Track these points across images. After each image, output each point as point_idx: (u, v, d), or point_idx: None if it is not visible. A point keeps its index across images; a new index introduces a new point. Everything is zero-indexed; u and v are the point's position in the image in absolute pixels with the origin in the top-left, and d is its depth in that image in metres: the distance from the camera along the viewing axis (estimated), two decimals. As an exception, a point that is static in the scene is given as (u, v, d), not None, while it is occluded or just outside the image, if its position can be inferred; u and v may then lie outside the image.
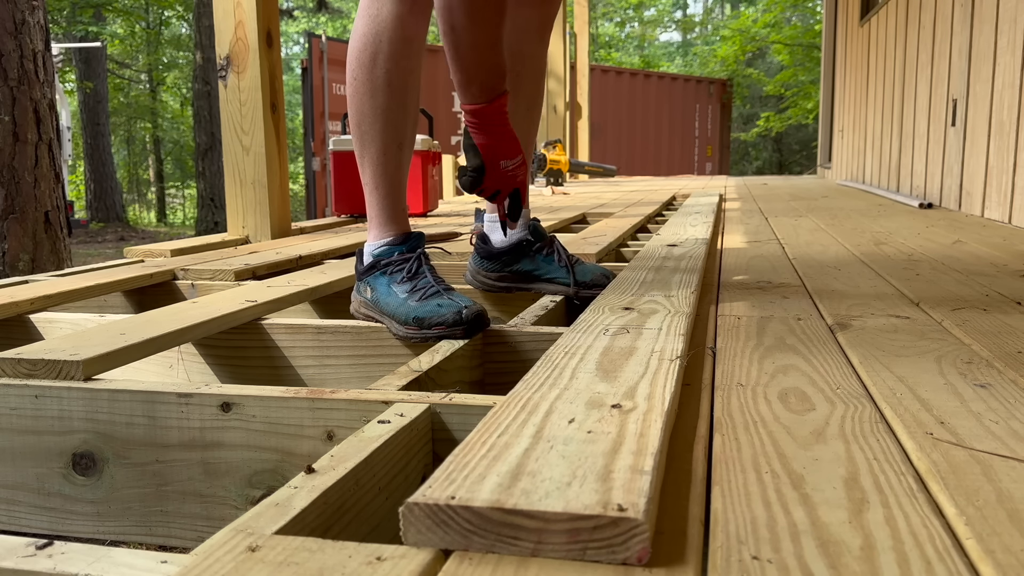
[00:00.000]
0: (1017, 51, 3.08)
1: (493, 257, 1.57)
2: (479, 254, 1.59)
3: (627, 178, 9.73)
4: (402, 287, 1.30)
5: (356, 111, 1.34)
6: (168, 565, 0.54)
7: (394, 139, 1.34)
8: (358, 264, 1.39)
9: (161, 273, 1.82)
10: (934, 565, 0.52)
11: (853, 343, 1.13)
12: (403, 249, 1.35)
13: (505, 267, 1.57)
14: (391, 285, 1.31)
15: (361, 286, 1.37)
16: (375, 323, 1.31)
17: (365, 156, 1.35)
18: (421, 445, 0.84)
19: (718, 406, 0.86)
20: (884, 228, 2.96)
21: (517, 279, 1.57)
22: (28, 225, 3.24)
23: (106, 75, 15.84)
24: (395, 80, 1.32)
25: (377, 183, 1.36)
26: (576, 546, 0.52)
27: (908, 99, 4.90)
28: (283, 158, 2.80)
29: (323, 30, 18.45)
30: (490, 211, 1.59)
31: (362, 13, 1.32)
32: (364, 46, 1.31)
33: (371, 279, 1.35)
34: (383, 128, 1.33)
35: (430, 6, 1.32)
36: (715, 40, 23.48)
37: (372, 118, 1.33)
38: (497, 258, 1.56)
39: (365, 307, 1.35)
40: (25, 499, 0.97)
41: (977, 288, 1.60)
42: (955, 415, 0.81)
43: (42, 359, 0.97)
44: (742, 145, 23.49)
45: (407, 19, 1.31)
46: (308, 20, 24.28)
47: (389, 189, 1.36)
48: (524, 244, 1.55)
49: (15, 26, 3.19)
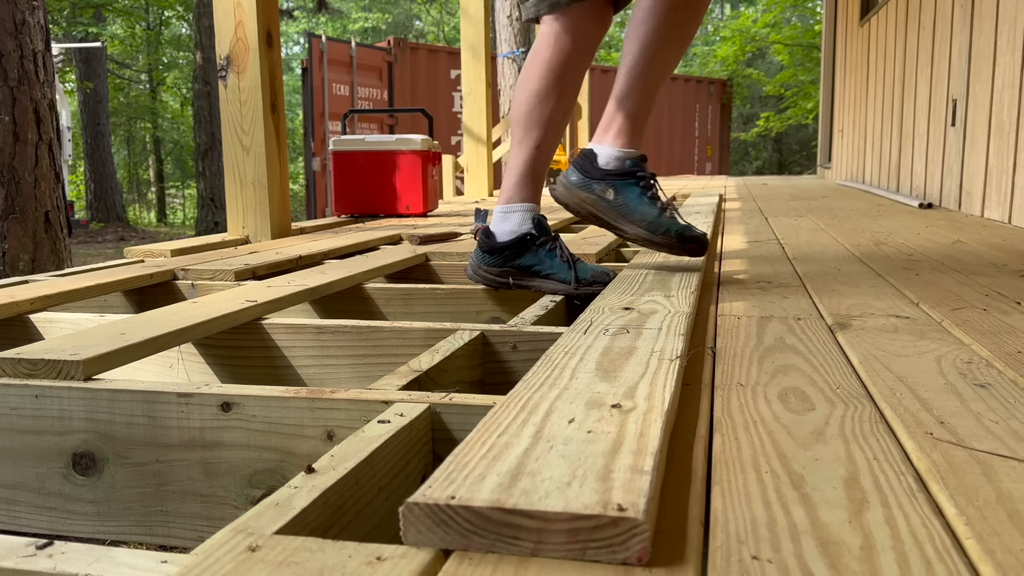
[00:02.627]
0: (1017, 51, 3.08)
1: (495, 251, 1.58)
2: (481, 248, 1.60)
3: (627, 178, 9.72)
4: (652, 203, 1.51)
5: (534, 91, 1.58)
6: (168, 565, 0.54)
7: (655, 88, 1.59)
8: (590, 164, 1.55)
9: (161, 273, 1.82)
10: (934, 565, 0.52)
11: (853, 343, 1.13)
12: (647, 174, 1.55)
13: (507, 262, 1.57)
14: (642, 195, 1.50)
15: (597, 185, 1.53)
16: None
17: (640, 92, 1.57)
18: (421, 445, 0.84)
19: (718, 406, 0.86)
20: (884, 228, 2.96)
21: (518, 274, 1.58)
22: (28, 225, 3.24)
23: (106, 75, 15.84)
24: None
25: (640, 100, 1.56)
26: (576, 546, 0.52)
27: (908, 99, 4.90)
28: (283, 158, 2.80)
29: (323, 30, 18.46)
30: (503, 201, 1.61)
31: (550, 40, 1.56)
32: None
33: (619, 183, 1.51)
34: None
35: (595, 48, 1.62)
36: (715, 40, 23.47)
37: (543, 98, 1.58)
38: (500, 252, 1.58)
39: (595, 205, 1.52)
40: (25, 499, 0.97)
41: (977, 288, 1.60)
42: (955, 415, 0.81)
43: (42, 359, 0.97)
44: (742, 145, 23.49)
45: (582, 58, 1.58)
46: (308, 20, 24.29)
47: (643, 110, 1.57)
48: (528, 238, 1.56)
49: (15, 26, 3.19)
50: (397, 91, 10.55)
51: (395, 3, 26.10)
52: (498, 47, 9.23)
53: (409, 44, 11.01)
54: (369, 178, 3.68)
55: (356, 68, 10.05)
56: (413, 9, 26.61)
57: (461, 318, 1.64)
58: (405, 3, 26.26)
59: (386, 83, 10.54)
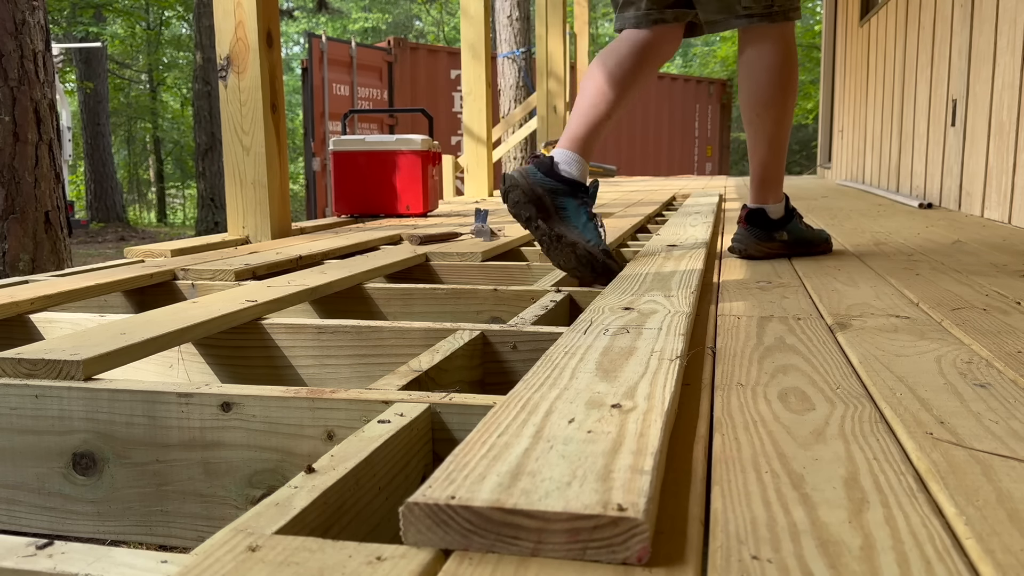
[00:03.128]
0: (1017, 51, 3.08)
1: (551, 174, 1.72)
2: (536, 166, 1.73)
3: (627, 178, 9.73)
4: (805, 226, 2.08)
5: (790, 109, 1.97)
6: (168, 565, 0.54)
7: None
8: (764, 218, 2.02)
9: (161, 273, 1.82)
10: (934, 565, 0.52)
11: (853, 343, 1.13)
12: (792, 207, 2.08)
13: (550, 196, 1.70)
14: (799, 225, 2.06)
15: (775, 234, 2.02)
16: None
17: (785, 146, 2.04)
18: (421, 445, 0.84)
19: (718, 406, 0.86)
20: (884, 228, 2.96)
21: (555, 211, 1.69)
22: (28, 225, 3.24)
23: (106, 75, 15.84)
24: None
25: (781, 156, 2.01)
26: (576, 546, 0.52)
27: (908, 99, 4.90)
28: (283, 158, 2.80)
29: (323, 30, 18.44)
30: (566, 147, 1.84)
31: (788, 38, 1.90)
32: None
33: (790, 226, 2.04)
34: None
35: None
36: (715, 40, 23.45)
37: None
38: (555, 178, 1.72)
39: (782, 248, 2.03)
40: (25, 499, 0.97)
41: (977, 288, 1.61)
42: (955, 415, 0.81)
43: (42, 359, 0.97)
44: (742, 145, 23.47)
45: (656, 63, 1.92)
46: (308, 20, 24.29)
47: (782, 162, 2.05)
48: (579, 187, 1.73)
49: (15, 26, 3.19)
50: (397, 91, 10.55)
51: (395, 3, 26.11)
52: (498, 47, 9.23)
53: (409, 44, 11.01)
54: (369, 178, 3.68)
55: (356, 68, 10.06)
56: (413, 9, 26.62)
57: (461, 318, 1.64)
58: (405, 3, 26.26)
59: (386, 83, 10.55)
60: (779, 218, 2.00)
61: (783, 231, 1.99)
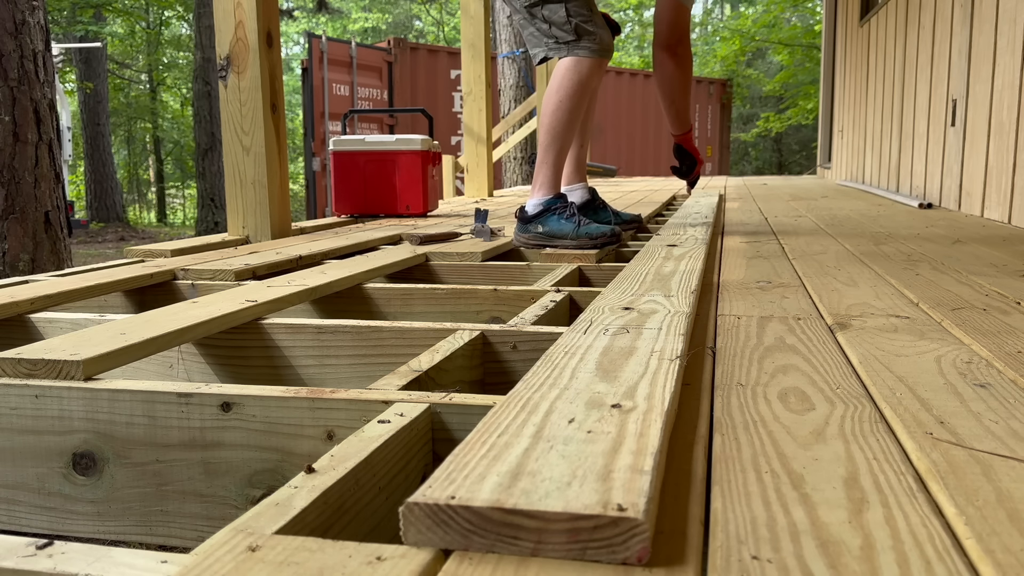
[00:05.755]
0: (1017, 51, 3.08)
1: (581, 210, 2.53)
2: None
3: (627, 178, 9.73)
4: (570, 220, 2.21)
5: (556, 123, 2.27)
6: (168, 565, 0.54)
7: (568, 141, 2.32)
8: (524, 213, 2.27)
9: (161, 273, 1.82)
10: (934, 565, 0.52)
11: (853, 343, 1.13)
12: (562, 200, 2.28)
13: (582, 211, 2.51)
14: (560, 219, 2.22)
15: (530, 226, 2.26)
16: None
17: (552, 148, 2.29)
18: (421, 445, 0.84)
19: (718, 406, 0.86)
20: (884, 228, 2.96)
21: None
22: (28, 225, 3.24)
23: (106, 75, 15.84)
24: (581, 109, 2.31)
25: (552, 162, 2.29)
26: (576, 546, 0.52)
27: (908, 99, 4.90)
28: (283, 158, 2.80)
29: (323, 30, 18.45)
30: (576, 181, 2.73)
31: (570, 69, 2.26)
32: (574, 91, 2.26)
33: (541, 219, 2.25)
34: (567, 133, 2.30)
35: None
36: (715, 40, 23.45)
37: (566, 128, 2.28)
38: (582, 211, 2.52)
39: (535, 238, 2.25)
40: (25, 499, 0.97)
41: (977, 288, 1.61)
42: (955, 415, 0.81)
43: (42, 359, 0.97)
44: (742, 145, 23.48)
45: (597, 79, 2.31)
46: (308, 20, 24.28)
47: (557, 167, 2.32)
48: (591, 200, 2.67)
49: (15, 26, 3.19)
50: (397, 91, 10.55)
51: (395, 3, 26.10)
52: (498, 47, 9.23)
53: (409, 44, 11.00)
54: (369, 178, 3.68)
55: (356, 68, 10.05)
56: (413, 9, 26.61)
57: (461, 318, 1.64)
58: (405, 3, 26.25)
59: (386, 83, 10.54)
60: (536, 213, 2.29)
61: (538, 224, 2.27)
